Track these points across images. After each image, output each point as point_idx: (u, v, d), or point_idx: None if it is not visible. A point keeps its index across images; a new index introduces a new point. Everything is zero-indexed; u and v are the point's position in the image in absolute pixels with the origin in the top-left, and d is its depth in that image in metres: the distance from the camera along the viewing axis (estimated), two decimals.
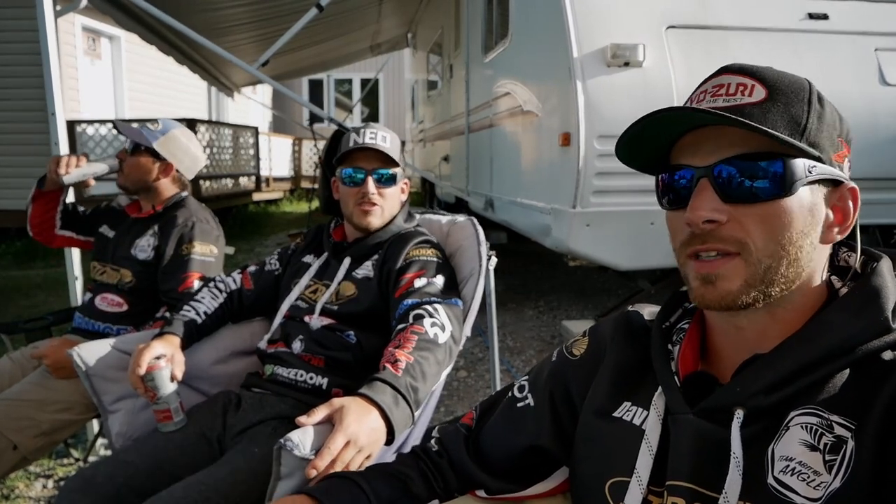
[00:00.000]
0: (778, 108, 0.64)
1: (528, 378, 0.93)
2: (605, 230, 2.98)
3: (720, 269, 0.65)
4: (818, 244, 0.66)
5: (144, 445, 1.32)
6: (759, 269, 0.64)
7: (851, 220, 0.67)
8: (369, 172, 1.52)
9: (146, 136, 1.93)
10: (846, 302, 0.65)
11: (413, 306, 1.34)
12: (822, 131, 0.66)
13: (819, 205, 0.66)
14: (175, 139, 1.97)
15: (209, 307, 1.55)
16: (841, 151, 0.68)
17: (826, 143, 0.66)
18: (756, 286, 0.64)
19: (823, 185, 0.66)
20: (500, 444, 0.89)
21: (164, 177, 1.97)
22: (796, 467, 0.59)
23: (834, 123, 0.67)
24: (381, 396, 1.09)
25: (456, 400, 3.05)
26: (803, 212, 0.64)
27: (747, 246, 0.64)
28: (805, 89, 0.67)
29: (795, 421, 0.61)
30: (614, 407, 0.77)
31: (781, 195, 0.63)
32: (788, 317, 0.67)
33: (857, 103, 3.03)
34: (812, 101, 0.66)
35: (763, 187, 0.63)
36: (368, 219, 1.54)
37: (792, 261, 0.64)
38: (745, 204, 0.64)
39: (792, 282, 0.65)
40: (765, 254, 0.64)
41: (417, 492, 0.86)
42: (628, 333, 0.82)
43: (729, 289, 0.64)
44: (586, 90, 2.89)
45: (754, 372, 0.65)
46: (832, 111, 0.68)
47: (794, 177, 0.63)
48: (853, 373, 0.61)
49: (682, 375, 0.71)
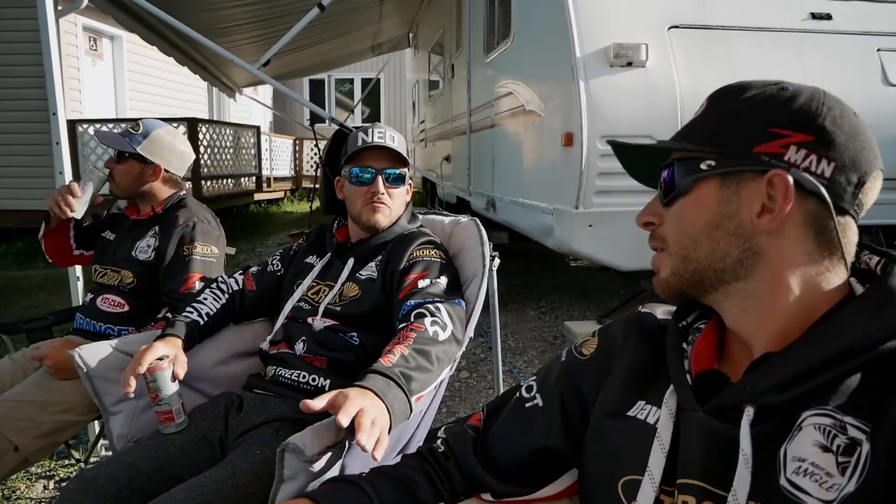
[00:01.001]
0: (705, 119, 0.73)
1: (535, 378, 0.92)
2: (607, 230, 2.97)
3: (655, 261, 0.77)
4: (750, 234, 0.67)
5: (146, 447, 1.31)
6: (679, 260, 0.73)
7: (779, 206, 0.65)
8: (379, 171, 1.52)
9: (128, 142, 1.91)
10: (862, 302, 0.64)
11: (415, 307, 1.34)
12: (731, 127, 0.69)
13: (730, 197, 0.68)
14: (159, 140, 1.95)
15: (211, 308, 1.55)
16: (772, 141, 0.66)
17: (738, 138, 0.68)
18: (682, 275, 0.73)
19: (740, 177, 0.68)
20: (508, 446, 0.89)
21: (154, 179, 1.96)
22: (809, 468, 0.58)
23: (761, 115, 0.68)
24: (373, 383, 1.08)
25: (458, 401, 3.05)
26: (708, 204, 0.70)
27: (667, 241, 0.74)
28: (737, 92, 0.71)
29: (808, 421, 0.60)
30: (628, 406, 0.76)
31: (680, 194, 0.72)
32: (768, 312, 0.67)
33: (860, 103, 2.96)
34: (734, 101, 0.70)
35: (665, 190, 0.74)
36: (377, 216, 1.53)
37: (709, 251, 0.70)
38: (667, 205, 0.74)
39: (726, 271, 0.69)
40: (679, 246, 0.73)
41: (422, 494, 0.85)
42: (642, 333, 0.82)
43: (662, 277, 0.75)
44: (589, 90, 2.88)
45: (765, 370, 0.64)
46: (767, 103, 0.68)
47: (683, 176, 0.72)
48: (867, 375, 0.60)
49: (694, 373, 0.71)
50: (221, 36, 5.59)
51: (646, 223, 0.77)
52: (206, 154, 7.73)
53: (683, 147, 0.72)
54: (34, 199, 7.04)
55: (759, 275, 0.67)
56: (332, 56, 8.95)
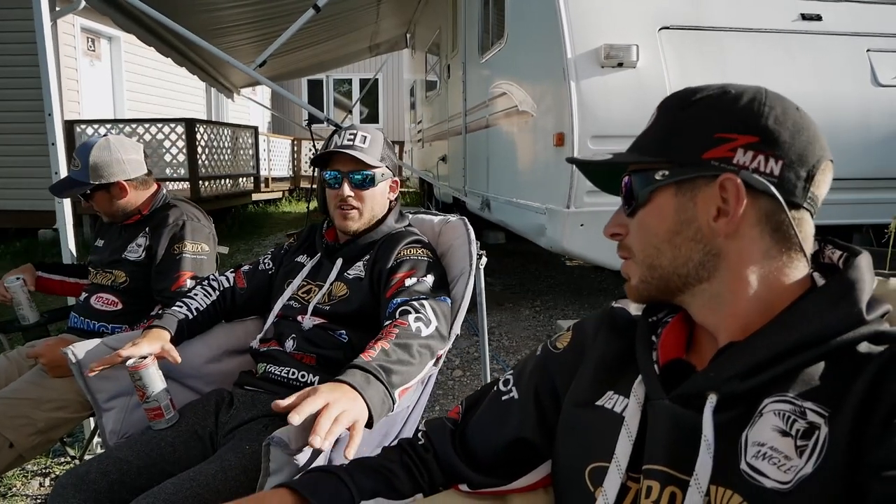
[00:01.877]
0: (653, 129, 0.75)
1: (512, 372, 0.94)
2: (599, 230, 2.96)
3: (624, 269, 0.79)
4: (708, 238, 0.69)
5: (137, 442, 1.33)
6: (645, 268, 0.75)
7: (733, 209, 0.67)
8: (345, 175, 1.52)
9: (79, 182, 1.88)
10: (822, 294, 0.66)
11: (401, 304, 1.36)
12: (679, 135, 0.72)
13: (686, 203, 0.71)
14: (100, 161, 1.89)
15: (201, 304, 1.57)
16: (720, 146, 0.68)
17: (686, 145, 0.70)
18: (649, 281, 0.75)
19: (694, 184, 0.70)
20: (485, 438, 0.91)
21: (125, 195, 1.95)
22: (767, 452, 0.60)
23: (706, 122, 0.69)
24: (351, 378, 1.09)
25: (451, 399, 3.07)
26: (667, 212, 0.72)
27: (632, 250, 0.77)
28: (683, 101, 0.73)
29: (769, 408, 0.62)
30: (597, 396, 0.79)
31: (639, 205, 0.75)
32: (733, 310, 0.70)
33: (850, 104, 3.05)
34: (679, 110, 0.73)
35: (626, 199, 0.77)
36: (346, 222, 1.54)
37: (671, 257, 0.72)
38: (630, 216, 0.77)
39: (690, 275, 0.71)
40: (644, 254, 0.75)
41: (400, 486, 0.87)
42: (613, 327, 0.84)
43: (632, 284, 0.78)
44: (580, 90, 2.90)
45: (728, 358, 0.67)
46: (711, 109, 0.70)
47: (641, 187, 0.74)
48: (827, 363, 0.63)
49: (661, 363, 0.74)
50: (218, 37, 5.61)
51: (612, 234, 0.80)
52: (204, 154, 7.74)
53: (636, 159, 0.75)
54: (31, 199, 7.06)
55: (721, 275, 0.70)
56: (329, 56, 8.97)
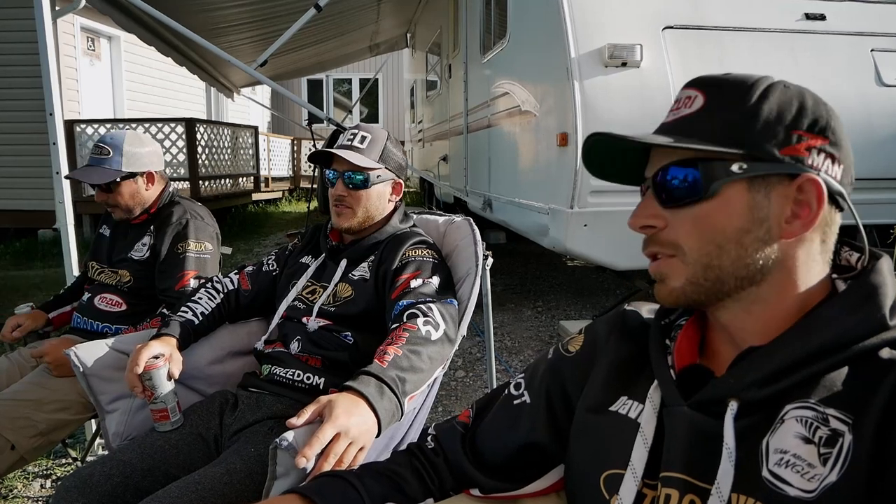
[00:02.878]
0: (710, 115, 0.68)
1: (524, 375, 0.93)
2: (602, 230, 2.98)
3: (663, 269, 0.70)
4: (776, 239, 0.66)
5: (141, 445, 1.32)
6: (699, 268, 0.67)
7: (814, 212, 0.65)
8: (340, 174, 1.53)
9: (113, 169, 1.91)
10: (843, 298, 0.65)
11: (408, 306, 1.34)
12: (755, 129, 0.66)
13: (761, 201, 0.65)
14: (133, 149, 1.94)
15: (206, 308, 1.56)
16: (797, 144, 0.65)
17: (764, 139, 0.65)
18: (700, 283, 0.68)
19: (768, 181, 0.65)
20: (496, 442, 0.90)
21: (152, 184, 2.00)
22: (791, 460, 0.59)
23: (782, 116, 0.66)
24: (366, 388, 1.09)
25: (454, 400, 3.06)
26: (737, 209, 0.66)
27: (681, 248, 0.68)
28: (743, 89, 0.67)
29: (790, 414, 0.61)
30: (610, 401, 0.77)
31: (705, 197, 0.67)
32: (771, 314, 0.67)
33: (854, 104, 3.04)
34: (747, 99, 0.67)
35: (684, 191, 0.68)
36: (339, 219, 1.55)
37: (736, 257, 0.66)
38: (677, 208, 0.69)
39: (747, 278, 0.66)
40: (700, 253, 0.67)
41: (410, 490, 0.86)
42: (625, 331, 0.83)
43: (674, 286, 0.69)
44: (584, 90, 2.89)
45: (748, 364, 0.65)
46: (782, 104, 0.66)
47: (711, 179, 0.66)
48: (849, 369, 0.61)
49: (677, 368, 0.72)
50: (219, 36, 5.59)
51: (644, 227, 0.71)
52: (205, 154, 7.73)
53: (706, 147, 0.66)
54: (32, 199, 7.05)
55: (772, 279, 0.67)
56: (329, 56, 8.96)
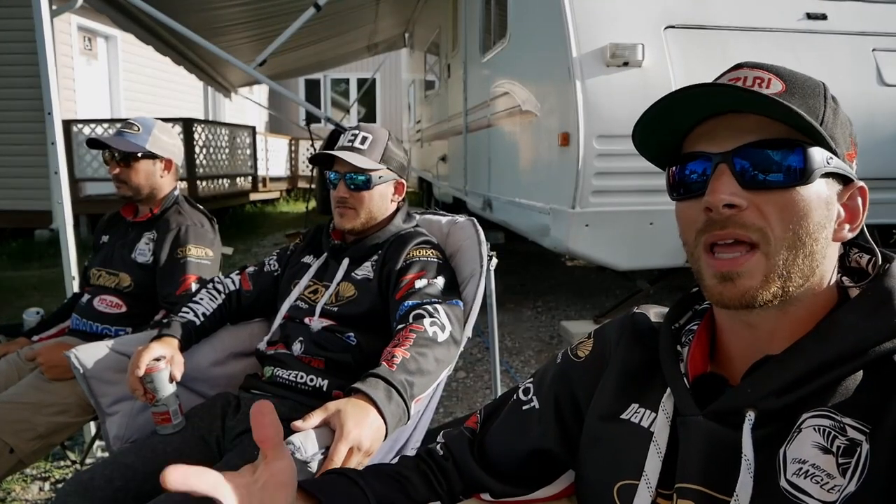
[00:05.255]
0: (795, 102, 0.64)
1: (532, 380, 0.92)
2: (604, 230, 2.97)
3: (742, 266, 0.63)
4: (831, 241, 0.66)
5: (142, 448, 1.31)
6: (778, 262, 0.62)
7: (861, 218, 0.67)
8: (342, 176, 1.52)
9: (138, 142, 1.91)
10: (859, 303, 0.64)
11: (413, 307, 1.33)
12: (836, 127, 0.66)
13: (833, 199, 0.65)
14: (161, 134, 1.97)
15: (207, 308, 1.54)
16: (851, 151, 0.68)
17: (840, 139, 0.66)
18: (775, 281, 0.63)
19: (836, 181, 0.66)
20: (505, 448, 0.89)
21: (167, 173, 1.99)
22: (809, 470, 0.58)
23: (845, 122, 0.68)
24: (374, 391, 1.08)
25: (455, 401, 3.04)
26: (820, 203, 0.64)
27: (766, 235, 0.62)
28: (820, 86, 0.68)
29: (808, 423, 0.60)
30: (621, 409, 0.76)
31: (800, 183, 0.62)
32: (799, 315, 0.66)
33: (856, 103, 3.01)
34: (827, 97, 0.67)
35: (783, 174, 0.62)
36: (342, 221, 1.55)
37: (808, 253, 0.63)
38: (765, 191, 0.63)
39: (807, 277, 0.64)
40: (783, 244, 0.62)
41: (415, 493, 0.85)
42: (634, 335, 0.81)
43: (750, 285, 0.63)
44: (585, 90, 2.88)
45: (766, 373, 0.64)
46: (843, 111, 0.68)
47: (812, 165, 0.62)
48: (866, 375, 0.60)
49: (691, 377, 0.71)
50: (217, 35, 5.57)
51: (728, 206, 0.63)
52: (202, 154, 7.70)
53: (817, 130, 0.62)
54: (29, 199, 7.02)
55: (812, 281, 0.65)
56: (327, 56, 8.94)
